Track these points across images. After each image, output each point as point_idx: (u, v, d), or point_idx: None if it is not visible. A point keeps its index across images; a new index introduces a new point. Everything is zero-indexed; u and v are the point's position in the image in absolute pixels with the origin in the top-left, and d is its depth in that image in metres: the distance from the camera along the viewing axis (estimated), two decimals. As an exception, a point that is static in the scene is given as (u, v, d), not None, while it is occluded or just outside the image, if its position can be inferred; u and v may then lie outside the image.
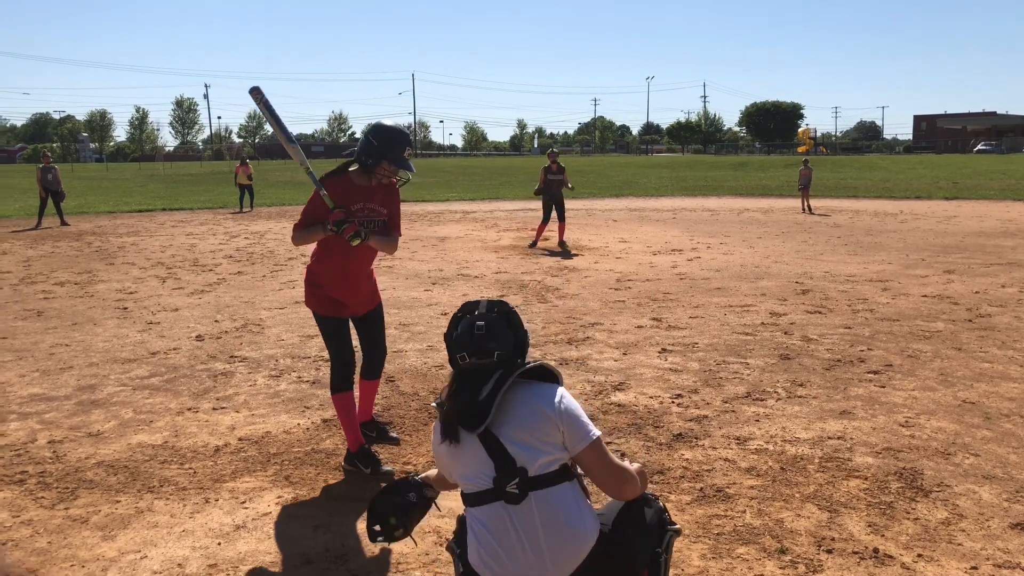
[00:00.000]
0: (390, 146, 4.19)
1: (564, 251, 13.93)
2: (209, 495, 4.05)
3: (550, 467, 2.43)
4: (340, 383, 4.32)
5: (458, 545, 2.66)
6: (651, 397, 5.54)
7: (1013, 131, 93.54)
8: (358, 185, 4.24)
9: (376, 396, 4.81)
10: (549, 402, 2.47)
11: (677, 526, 2.66)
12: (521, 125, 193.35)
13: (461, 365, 2.51)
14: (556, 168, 14.56)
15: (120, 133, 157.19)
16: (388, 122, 4.38)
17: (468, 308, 2.58)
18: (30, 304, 9.30)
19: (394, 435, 4.72)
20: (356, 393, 4.42)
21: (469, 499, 2.50)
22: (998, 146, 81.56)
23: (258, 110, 4.44)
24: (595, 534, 2.46)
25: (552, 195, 14.52)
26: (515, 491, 2.40)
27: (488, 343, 2.47)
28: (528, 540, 2.41)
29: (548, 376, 2.55)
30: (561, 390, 2.52)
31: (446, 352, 2.57)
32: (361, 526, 3.69)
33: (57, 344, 7.28)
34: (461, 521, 2.75)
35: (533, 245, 14.48)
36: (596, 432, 2.49)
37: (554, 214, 14.55)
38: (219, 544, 3.54)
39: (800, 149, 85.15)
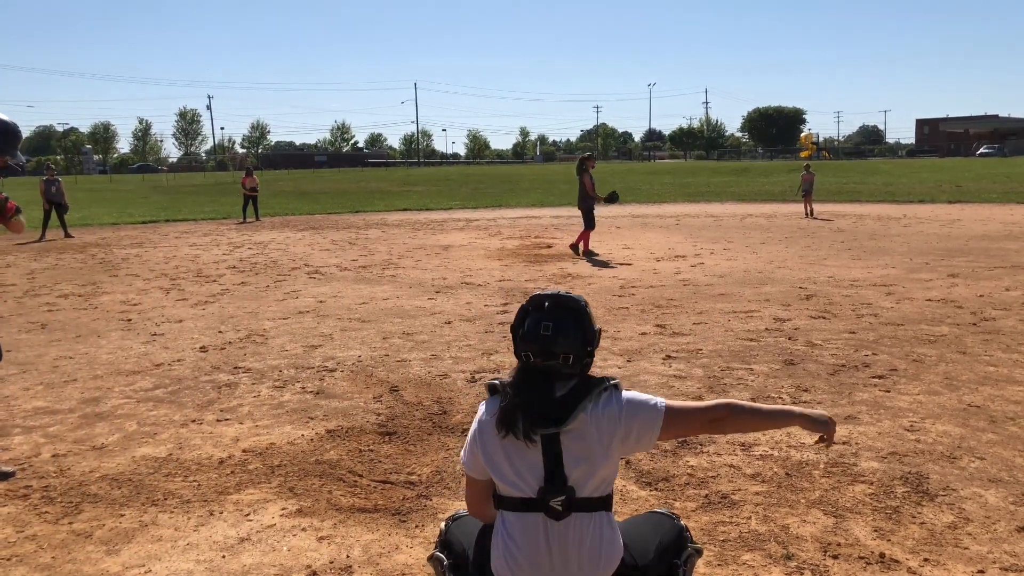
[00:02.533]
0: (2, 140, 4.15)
1: (576, 255, 14.14)
2: (213, 508, 4.05)
3: (597, 492, 2.38)
4: None
5: (449, 555, 2.61)
6: (655, 404, 5.52)
7: (1016, 134, 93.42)
8: None
9: (379, 405, 4.79)
10: (620, 416, 2.38)
11: (698, 545, 2.63)
12: (524, 133, 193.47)
13: (527, 363, 2.41)
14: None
15: (124, 145, 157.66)
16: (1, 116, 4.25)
17: (536, 302, 2.45)
18: (34, 317, 9.32)
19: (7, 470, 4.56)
20: None
21: (505, 502, 2.41)
22: (1001, 149, 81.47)
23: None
24: (619, 558, 2.44)
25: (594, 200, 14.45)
26: (559, 508, 2.33)
27: (555, 344, 2.36)
28: (560, 559, 2.36)
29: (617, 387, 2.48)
30: (631, 394, 2.45)
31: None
32: (366, 536, 3.69)
33: (61, 357, 7.30)
34: (443, 532, 2.72)
35: (590, 255, 14.12)
36: (662, 402, 2.42)
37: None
38: (223, 557, 3.54)
39: (803, 154, 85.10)
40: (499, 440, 2.38)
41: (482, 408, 2.50)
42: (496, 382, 2.49)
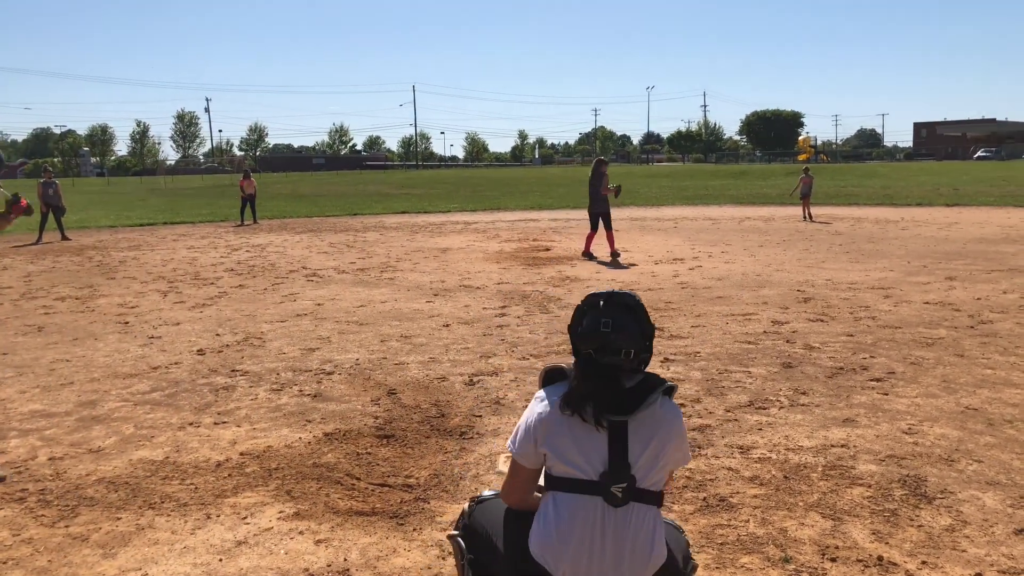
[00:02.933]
0: None
1: (613, 260, 13.97)
2: (210, 511, 4.04)
3: (655, 486, 2.44)
4: None
5: (470, 540, 2.64)
6: (653, 407, 5.52)
7: (1013, 137, 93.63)
8: None
9: (377, 408, 4.79)
10: (679, 425, 2.49)
11: (695, 562, 2.72)
12: (522, 136, 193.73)
13: (587, 359, 2.46)
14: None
15: (121, 147, 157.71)
16: None
17: (593, 301, 2.51)
18: (31, 319, 9.30)
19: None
20: None
21: (561, 483, 2.43)
22: (998, 152, 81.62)
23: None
24: (663, 558, 2.48)
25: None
26: (619, 495, 2.38)
27: (616, 341, 2.42)
28: (614, 547, 2.39)
29: (671, 393, 2.56)
30: (680, 411, 2.56)
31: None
32: (364, 540, 3.68)
33: (58, 360, 7.28)
34: (466, 514, 2.73)
35: (616, 256, 14.18)
36: (690, 457, 2.58)
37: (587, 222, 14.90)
38: (220, 560, 3.53)
39: (800, 157, 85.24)
40: (565, 422, 2.42)
41: (541, 394, 2.53)
42: (562, 367, 2.54)
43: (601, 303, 2.49)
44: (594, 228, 14.72)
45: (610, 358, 2.42)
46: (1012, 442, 4.71)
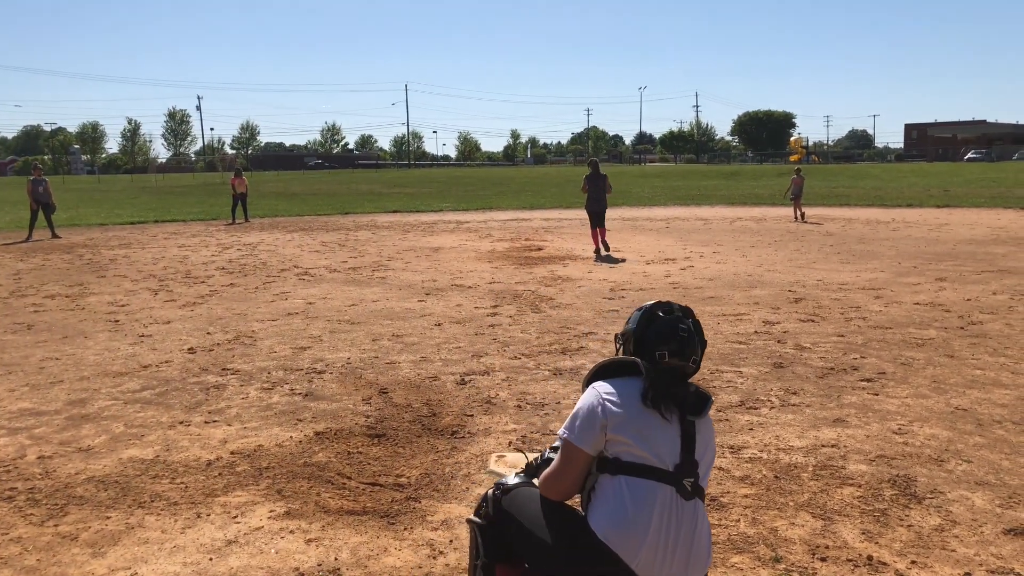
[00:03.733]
0: None
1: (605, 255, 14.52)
2: (201, 510, 4.02)
3: (705, 484, 2.56)
4: None
5: (490, 527, 2.68)
6: (645, 407, 5.52)
7: (1003, 139, 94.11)
8: None
9: (368, 407, 4.79)
10: (713, 427, 2.64)
11: None
12: (514, 135, 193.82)
13: (660, 363, 2.54)
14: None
15: (112, 145, 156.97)
16: None
17: (662, 307, 2.64)
18: (20, 317, 9.25)
19: None
20: None
21: (634, 468, 2.44)
22: (988, 154, 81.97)
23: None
24: (711, 561, 2.58)
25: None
26: (688, 488, 2.45)
27: (690, 347, 2.57)
28: (683, 539, 2.44)
29: None
30: None
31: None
32: (354, 539, 3.67)
33: (47, 358, 7.25)
34: (490, 502, 2.73)
35: (607, 249, 14.89)
36: None
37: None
38: (211, 560, 3.52)
39: (792, 158, 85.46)
40: (641, 413, 2.47)
41: (606, 385, 2.55)
42: (630, 360, 2.57)
43: (675, 309, 2.64)
44: (593, 227, 15.22)
45: (680, 362, 2.55)
46: (1001, 442, 4.74)
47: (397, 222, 23.82)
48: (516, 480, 2.80)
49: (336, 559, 3.50)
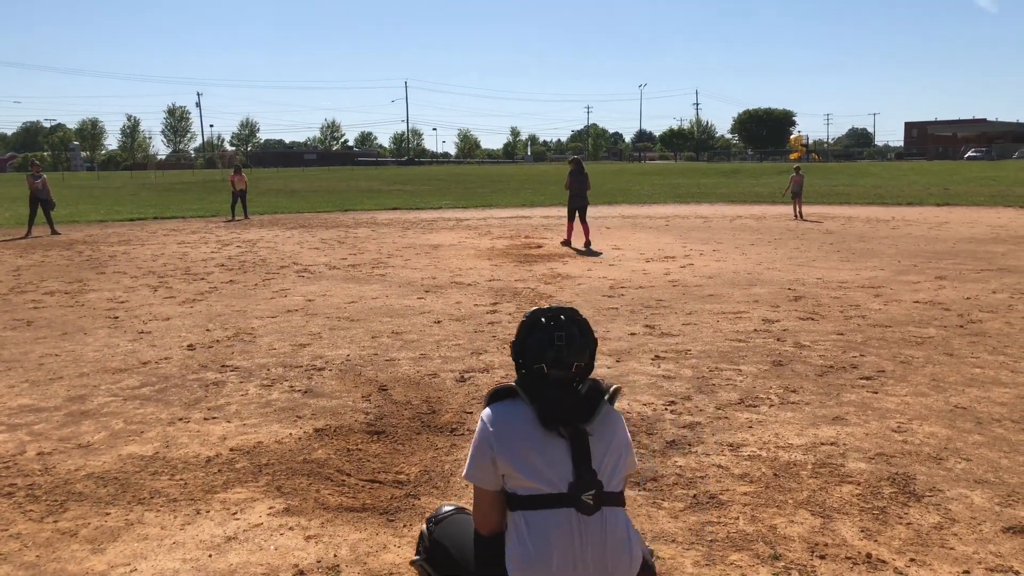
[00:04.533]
0: None
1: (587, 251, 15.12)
2: (200, 506, 4.02)
3: (618, 487, 2.47)
4: None
5: (430, 562, 2.64)
6: (644, 404, 5.53)
7: (1003, 138, 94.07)
8: None
9: (368, 404, 4.79)
10: (624, 426, 2.57)
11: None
12: (514, 133, 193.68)
13: (538, 374, 2.48)
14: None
15: (111, 142, 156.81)
16: None
17: (541, 315, 2.54)
18: (20, 314, 9.25)
19: None
20: None
21: (528, 501, 2.41)
22: (988, 153, 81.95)
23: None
24: (640, 560, 2.49)
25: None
26: (590, 502, 2.38)
27: (568, 354, 2.46)
28: (594, 554, 2.38)
29: (614, 399, 2.59)
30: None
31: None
32: (354, 536, 3.67)
33: (47, 354, 7.24)
34: (425, 536, 2.74)
35: (588, 245, 15.52)
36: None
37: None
38: (210, 556, 3.52)
39: (792, 156, 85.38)
40: (522, 437, 2.42)
41: (489, 414, 2.50)
42: (510, 386, 2.52)
43: (552, 318, 2.51)
44: (572, 220, 15.95)
45: (561, 371, 2.46)
46: (1000, 440, 4.74)
47: (397, 219, 23.81)
48: (449, 508, 2.83)
49: (335, 556, 3.50)
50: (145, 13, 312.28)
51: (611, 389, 2.54)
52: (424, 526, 2.79)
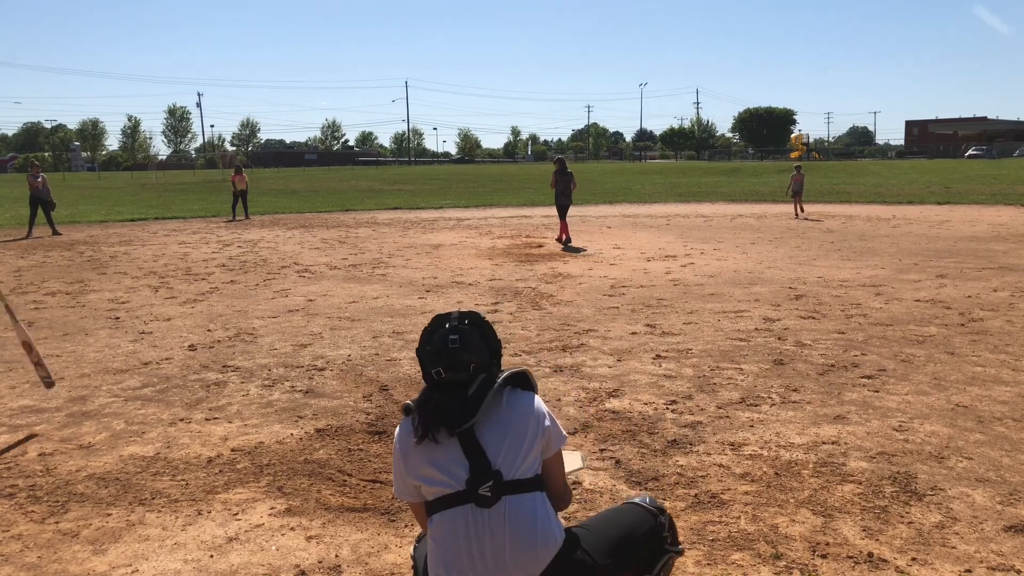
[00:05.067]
0: None
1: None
2: (201, 507, 4.03)
3: (525, 474, 2.45)
4: None
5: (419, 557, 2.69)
6: (645, 403, 5.53)
7: (1004, 136, 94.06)
8: None
9: (369, 404, 4.78)
10: (532, 407, 2.52)
11: (680, 547, 2.71)
12: (515, 132, 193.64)
13: (437, 380, 2.48)
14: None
15: (112, 142, 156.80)
16: None
17: (439, 322, 2.54)
18: (21, 314, 9.22)
19: None
20: None
21: (435, 505, 2.46)
22: (989, 151, 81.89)
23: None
24: (560, 541, 2.45)
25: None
26: (487, 494, 2.39)
27: (463, 356, 2.45)
28: (493, 544, 2.38)
29: (526, 384, 2.59)
30: (538, 398, 2.58)
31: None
32: (355, 536, 3.67)
33: (48, 355, 7.24)
34: (415, 551, 2.77)
35: (568, 242, 16.08)
36: (566, 436, 2.60)
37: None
38: (211, 557, 3.52)
39: (793, 155, 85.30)
40: (421, 450, 2.46)
41: (398, 432, 2.57)
42: (409, 403, 2.55)
43: (447, 322, 2.51)
44: (563, 217, 16.54)
45: (459, 375, 2.46)
46: (1002, 439, 4.74)
47: (397, 219, 23.81)
48: None
49: (337, 556, 3.50)
50: (146, 13, 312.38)
51: (509, 373, 2.53)
52: (413, 546, 2.86)
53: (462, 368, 2.45)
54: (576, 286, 10.71)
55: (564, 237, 16.15)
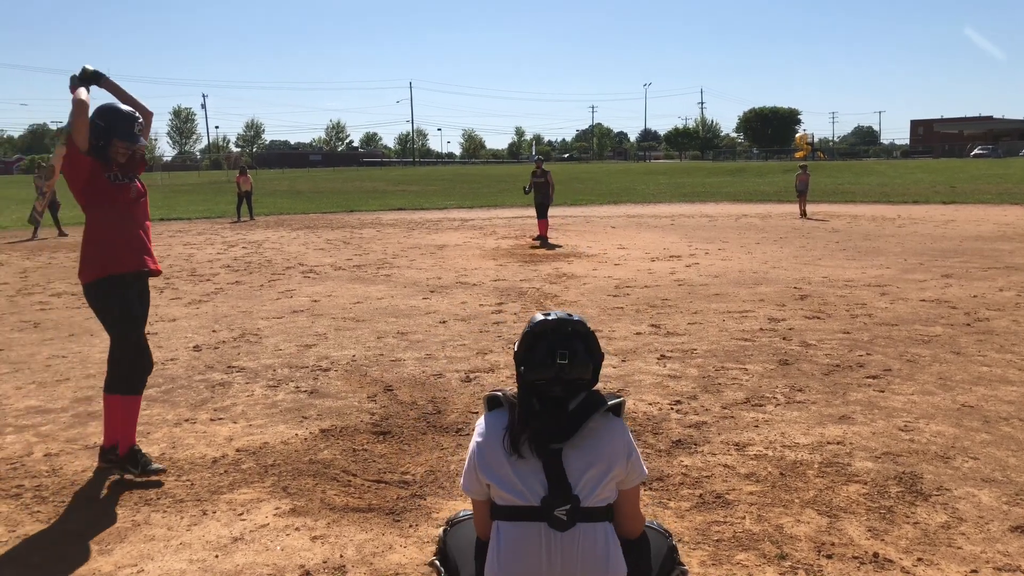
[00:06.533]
0: (116, 123, 4.27)
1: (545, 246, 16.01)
2: (206, 507, 4.03)
3: (601, 503, 2.39)
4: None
5: (442, 563, 2.64)
6: (650, 404, 5.52)
7: (1010, 135, 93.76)
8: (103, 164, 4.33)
9: (373, 404, 4.78)
10: (622, 438, 2.44)
11: (685, 567, 2.69)
12: (519, 132, 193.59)
13: (534, 387, 2.40)
14: (539, 172, 17.13)
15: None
16: (110, 103, 4.40)
17: (543, 327, 2.41)
18: (27, 315, 9.28)
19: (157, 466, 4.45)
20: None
21: (504, 511, 2.39)
22: (995, 150, 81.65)
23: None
24: (624, 574, 2.42)
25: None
26: (563, 517, 2.32)
27: (570, 373, 2.36)
28: (562, 569, 2.33)
29: (618, 410, 2.49)
30: (628, 428, 2.51)
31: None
32: (360, 536, 3.68)
33: (54, 356, 7.27)
34: (443, 539, 2.73)
35: (545, 240, 16.69)
36: (647, 473, 2.52)
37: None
38: (216, 557, 3.52)
39: (797, 155, 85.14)
40: (503, 450, 2.38)
41: (481, 424, 2.49)
42: (498, 395, 2.48)
43: (555, 331, 2.39)
44: (540, 216, 17.03)
45: (560, 389, 2.38)
46: (1008, 439, 4.72)
47: (402, 220, 23.83)
48: (466, 514, 2.80)
49: (341, 556, 3.50)
50: (151, 15, 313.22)
51: (611, 403, 2.44)
52: (441, 529, 2.80)
53: (565, 383, 2.37)
54: (580, 286, 10.71)
55: (541, 234, 16.95)
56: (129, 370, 4.34)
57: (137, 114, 4.42)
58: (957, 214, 21.83)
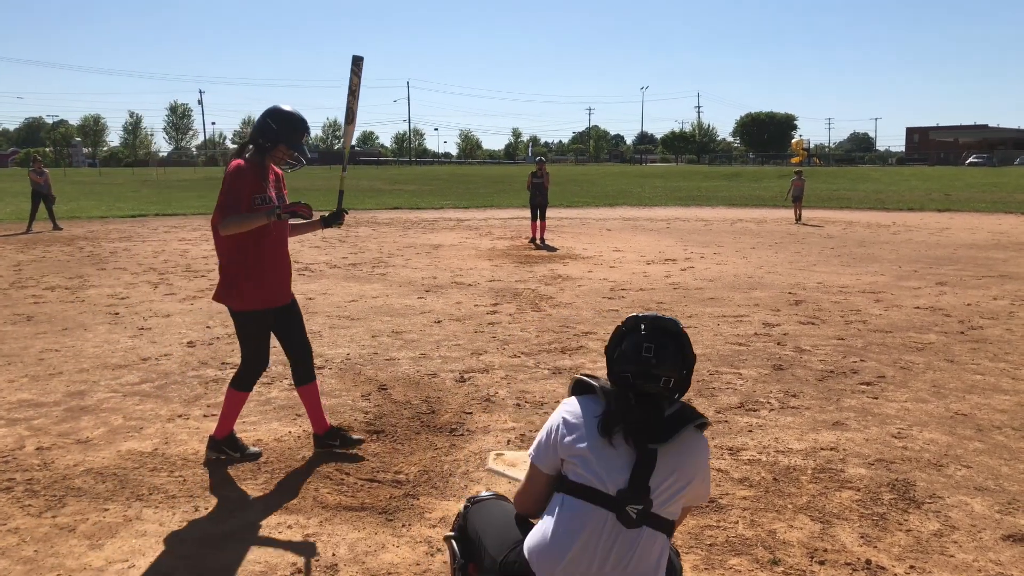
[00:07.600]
0: (290, 130, 4.21)
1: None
2: (199, 503, 4.02)
3: (670, 515, 2.40)
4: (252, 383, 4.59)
5: (462, 542, 2.64)
6: (644, 407, 5.52)
7: (1004, 144, 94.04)
8: (260, 168, 4.31)
9: (367, 403, 4.78)
10: (704, 459, 2.47)
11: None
12: (516, 134, 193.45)
13: (624, 382, 2.41)
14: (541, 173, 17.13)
15: (113, 138, 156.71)
16: (287, 107, 4.38)
17: (635, 324, 2.45)
18: (20, 309, 9.24)
19: (357, 436, 4.81)
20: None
21: (575, 488, 2.37)
22: (990, 159, 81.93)
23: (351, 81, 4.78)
24: None
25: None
26: (632, 515, 2.32)
27: (657, 369, 2.37)
28: (615, 567, 2.33)
29: (704, 428, 2.51)
30: (709, 449, 2.53)
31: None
32: (352, 535, 3.67)
33: (47, 349, 7.24)
34: (461, 515, 2.73)
35: (544, 241, 16.77)
36: (709, 496, 2.57)
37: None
38: (208, 553, 3.51)
39: (793, 160, 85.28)
40: (593, 436, 2.38)
41: (574, 404, 2.49)
42: (591, 382, 2.49)
43: (644, 327, 2.42)
44: (535, 217, 16.92)
45: (649, 385, 2.39)
46: (1001, 448, 4.74)
47: (398, 219, 23.82)
48: (488, 494, 2.82)
49: (334, 555, 3.49)
50: (148, 10, 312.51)
51: (701, 420, 2.44)
52: (462, 506, 2.79)
53: (654, 379, 2.37)
54: (576, 288, 10.71)
55: (534, 235, 16.95)
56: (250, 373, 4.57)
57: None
58: (952, 222, 21.90)
